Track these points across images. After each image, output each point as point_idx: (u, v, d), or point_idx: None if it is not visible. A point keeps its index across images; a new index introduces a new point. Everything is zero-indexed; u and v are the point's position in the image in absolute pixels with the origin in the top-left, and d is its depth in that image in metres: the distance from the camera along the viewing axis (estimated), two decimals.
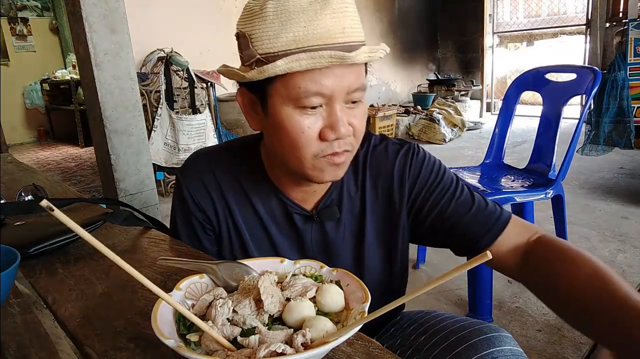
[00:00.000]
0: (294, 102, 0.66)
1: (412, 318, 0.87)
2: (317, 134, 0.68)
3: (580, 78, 2.02)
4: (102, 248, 0.41)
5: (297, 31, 0.62)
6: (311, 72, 0.64)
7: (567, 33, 6.99)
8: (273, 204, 0.82)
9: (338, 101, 0.67)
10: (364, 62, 0.67)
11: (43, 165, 5.19)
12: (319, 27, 0.63)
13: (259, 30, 0.65)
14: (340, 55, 0.62)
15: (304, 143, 0.68)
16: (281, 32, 0.63)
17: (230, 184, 0.83)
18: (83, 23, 2.35)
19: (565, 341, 1.70)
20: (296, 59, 0.62)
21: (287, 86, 0.65)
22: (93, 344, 0.54)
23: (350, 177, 0.84)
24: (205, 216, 0.83)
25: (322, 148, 0.69)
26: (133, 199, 2.66)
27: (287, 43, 0.63)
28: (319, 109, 0.67)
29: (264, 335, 0.48)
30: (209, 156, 0.86)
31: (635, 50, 4.16)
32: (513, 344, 0.70)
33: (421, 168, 0.83)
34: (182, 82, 3.71)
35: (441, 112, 5.55)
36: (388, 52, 0.71)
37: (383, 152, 0.85)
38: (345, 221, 0.84)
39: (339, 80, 0.65)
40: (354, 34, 0.66)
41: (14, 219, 0.96)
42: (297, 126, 0.67)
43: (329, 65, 0.63)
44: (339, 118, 0.67)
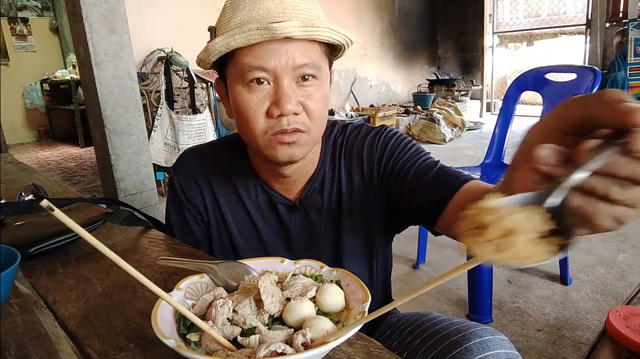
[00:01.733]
0: (241, 79, 0.71)
1: (409, 320, 0.87)
2: (264, 111, 0.71)
3: (580, 78, 2.02)
4: (103, 248, 0.41)
5: (242, 15, 0.69)
6: (252, 49, 0.68)
7: (567, 33, 6.99)
8: (259, 196, 0.87)
9: (284, 77, 0.70)
10: (301, 37, 0.68)
11: (43, 165, 5.19)
12: (260, 9, 0.68)
13: (219, 21, 0.73)
14: (267, 27, 0.66)
15: (253, 119, 0.72)
16: (232, 18, 0.70)
17: (219, 179, 0.87)
18: (83, 23, 2.35)
19: (565, 341, 1.70)
20: (231, 35, 0.67)
21: (235, 65, 0.71)
22: (93, 344, 0.54)
23: (329, 166, 0.87)
24: (196, 209, 0.88)
25: (271, 125, 0.72)
26: (133, 199, 2.66)
27: (234, 26, 0.69)
28: (266, 86, 0.70)
29: (264, 335, 0.48)
30: (199, 152, 0.91)
31: (635, 50, 4.16)
32: (509, 347, 0.69)
33: (387, 144, 0.85)
34: (182, 82, 3.71)
35: (441, 112, 5.55)
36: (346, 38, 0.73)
37: (356, 137, 0.88)
38: (326, 208, 0.87)
39: (278, 56, 0.68)
40: (298, 14, 0.69)
41: (14, 219, 0.96)
42: (245, 103, 0.71)
43: (262, 40, 0.67)
44: (284, 94, 0.69)
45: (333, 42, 0.73)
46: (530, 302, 1.97)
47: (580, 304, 1.94)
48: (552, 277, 2.17)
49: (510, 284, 2.13)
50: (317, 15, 0.72)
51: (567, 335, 1.73)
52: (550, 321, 1.83)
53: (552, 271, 2.21)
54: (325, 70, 0.75)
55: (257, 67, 0.69)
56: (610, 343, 0.65)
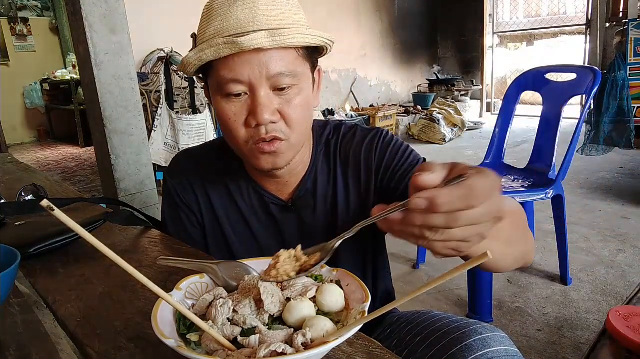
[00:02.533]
0: (220, 91, 0.71)
1: (409, 318, 0.87)
2: (243, 121, 0.72)
3: (580, 78, 2.02)
4: (103, 248, 0.41)
5: (216, 25, 0.69)
6: (225, 61, 0.68)
7: (567, 33, 6.99)
8: (252, 196, 0.87)
9: (261, 87, 0.70)
10: (271, 47, 0.67)
11: (43, 165, 5.19)
12: (231, 20, 0.68)
13: (199, 29, 0.73)
14: (232, 41, 0.65)
15: (233, 130, 0.72)
16: (207, 28, 0.70)
17: (212, 180, 0.88)
18: (83, 23, 2.35)
19: (565, 341, 1.70)
20: (201, 49, 0.68)
21: (212, 77, 0.72)
22: (93, 344, 0.54)
23: (323, 166, 0.87)
24: (190, 211, 0.88)
25: (250, 134, 0.73)
26: (133, 199, 2.66)
27: (208, 37, 0.69)
28: (244, 96, 0.71)
29: (264, 335, 0.48)
30: (192, 154, 0.92)
31: (635, 50, 4.16)
32: (509, 344, 0.69)
33: (387, 150, 0.85)
34: (182, 82, 3.71)
35: (441, 112, 5.55)
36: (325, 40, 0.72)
37: (352, 138, 0.88)
38: (319, 209, 0.87)
39: (253, 67, 0.68)
40: (270, 21, 0.68)
41: (14, 219, 0.96)
42: (225, 114, 0.72)
43: (232, 53, 0.67)
44: (259, 104, 0.70)
45: (309, 45, 0.72)
46: (530, 302, 1.97)
47: (580, 304, 1.94)
48: (552, 277, 2.17)
49: (510, 284, 2.13)
50: (292, 20, 0.70)
51: (567, 335, 1.73)
52: (550, 321, 1.83)
53: (552, 271, 2.21)
54: (305, 74, 0.74)
55: (232, 79, 0.69)
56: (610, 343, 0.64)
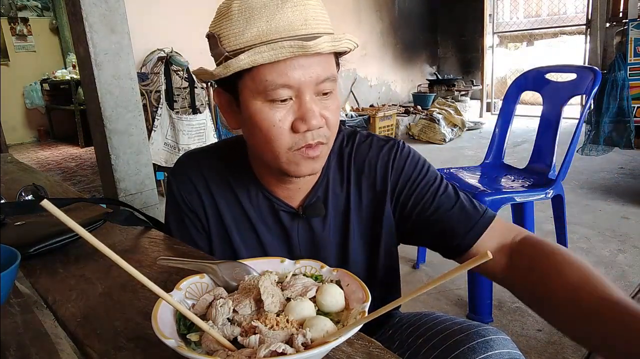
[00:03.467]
0: (263, 96, 0.67)
1: (410, 319, 0.87)
2: (289, 126, 0.69)
3: (580, 78, 2.02)
4: (103, 248, 0.41)
5: (260, 26, 0.64)
6: (276, 64, 0.65)
7: (567, 33, 6.99)
8: (260, 202, 0.84)
9: (307, 92, 0.67)
10: (328, 52, 0.67)
11: (43, 165, 5.19)
12: (281, 21, 0.64)
13: (225, 29, 0.67)
14: (300, 45, 0.63)
15: (276, 136, 0.69)
16: (246, 29, 0.65)
17: (219, 184, 0.85)
18: (83, 23, 2.35)
19: (565, 341, 1.70)
20: (258, 52, 0.63)
21: (254, 80, 0.67)
22: (93, 344, 0.54)
23: (335, 174, 0.85)
24: (196, 216, 0.85)
25: (296, 141, 0.70)
26: (133, 199, 2.66)
27: (251, 38, 0.65)
28: (289, 102, 0.68)
29: (264, 335, 0.48)
30: (198, 156, 0.88)
31: (635, 50, 4.16)
32: (511, 346, 0.69)
33: (405, 163, 0.84)
34: (182, 82, 3.71)
35: (441, 112, 5.55)
36: (356, 44, 0.72)
37: (367, 148, 0.85)
38: (330, 217, 0.84)
39: (305, 71, 0.66)
40: (319, 25, 0.67)
41: (14, 219, 0.96)
42: (268, 120, 0.68)
43: (291, 56, 0.64)
44: (309, 109, 0.67)
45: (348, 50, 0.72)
46: None
47: None
48: None
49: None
50: (331, 24, 0.70)
51: None
52: None
53: None
54: (337, 78, 0.73)
55: (282, 84, 0.65)
56: None
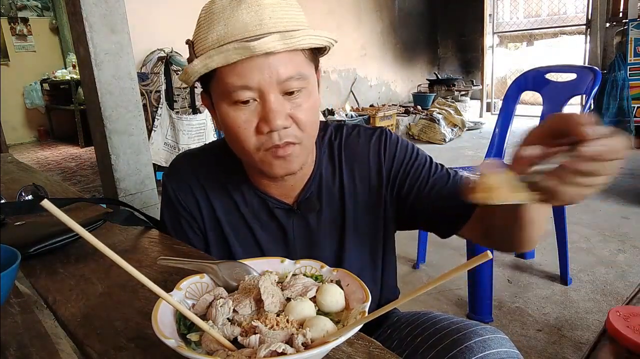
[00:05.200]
0: (227, 98, 0.68)
1: (409, 319, 0.87)
2: (254, 128, 0.69)
3: (580, 78, 2.02)
4: (103, 248, 0.41)
5: (219, 30, 0.66)
6: (233, 67, 0.65)
7: (567, 33, 6.99)
8: (254, 201, 0.84)
9: (271, 92, 0.67)
10: (281, 50, 0.65)
11: (43, 165, 5.19)
12: (236, 23, 0.65)
13: (196, 35, 0.70)
14: (245, 46, 0.63)
15: (243, 137, 0.70)
16: (208, 34, 0.67)
17: (213, 184, 0.85)
18: (83, 23, 2.35)
19: (565, 341, 1.70)
20: (209, 56, 0.65)
21: (218, 83, 0.69)
22: (93, 343, 0.54)
23: (327, 168, 0.86)
24: (192, 217, 0.86)
25: (262, 141, 0.70)
26: (133, 199, 2.66)
27: (212, 43, 0.66)
28: (253, 103, 0.68)
29: (264, 335, 0.48)
30: (192, 157, 0.89)
31: (635, 50, 4.16)
32: (509, 346, 0.69)
33: (396, 149, 0.85)
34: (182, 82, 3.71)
35: (441, 112, 5.55)
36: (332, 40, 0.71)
37: (356, 139, 0.87)
38: (325, 212, 0.85)
39: (263, 72, 0.66)
40: (276, 24, 0.66)
41: (14, 219, 0.96)
42: (233, 121, 0.69)
43: (241, 58, 0.64)
44: (271, 110, 0.67)
45: (312, 47, 0.71)
46: (530, 302, 1.97)
47: (580, 304, 1.94)
48: (552, 277, 2.17)
49: (510, 284, 2.13)
50: (297, 22, 0.69)
51: (567, 335, 1.73)
52: (550, 321, 1.83)
53: (552, 271, 2.21)
54: (312, 76, 0.73)
55: (242, 86, 0.66)
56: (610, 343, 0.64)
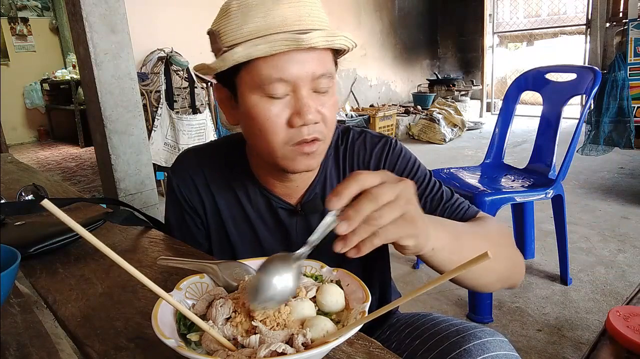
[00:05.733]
0: (260, 90, 0.68)
1: (408, 320, 0.87)
2: (285, 121, 0.69)
3: (580, 78, 2.02)
4: (103, 248, 0.41)
5: (256, 21, 0.65)
6: (272, 58, 0.65)
7: (567, 33, 6.99)
8: (258, 200, 0.85)
9: (304, 87, 0.68)
10: (323, 47, 0.67)
11: (43, 165, 5.19)
12: (276, 17, 0.65)
13: (224, 26, 0.68)
14: (295, 38, 0.63)
15: (272, 130, 0.69)
16: (243, 24, 0.66)
17: (217, 181, 0.86)
18: (83, 23, 2.35)
19: (565, 341, 1.70)
20: (253, 45, 0.64)
21: (251, 74, 0.67)
22: (93, 343, 0.54)
23: (332, 171, 0.86)
24: (195, 213, 0.87)
25: (291, 136, 0.70)
26: (133, 199, 2.66)
27: (248, 33, 0.66)
28: (285, 97, 0.68)
29: (265, 335, 0.48)
30: (197, 153, 0.89)
31: (635, 50, 4.16)
32: (508, 348, 0.69)
33: (397, 160, 0.85)
34: (182, 82, 3.71)
35: (441, 112, 5.55)
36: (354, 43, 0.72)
37: (362, 144, 0.87)
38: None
39: (300, 66, 0.66)
40: (313, 22, 0.67)
41: (14, 219, 0.96)
42: (264, 114, 0.69)
43: (286, 50, 0.64)
44: (305, 104, 0.67)
45: (344, 48, 0.72)
46: (530, 302, 1.97)
47: (580, 304, 1.94)
48: (552, 277, 2.17)
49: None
50: (328, 23, 0.71)
51: (567, 335, 1.73)
52: (550, 321, 1.83)
53: (552, 271, 2.21)
54: (334, 76, 0.74)
55: (278, 78, 0.66)
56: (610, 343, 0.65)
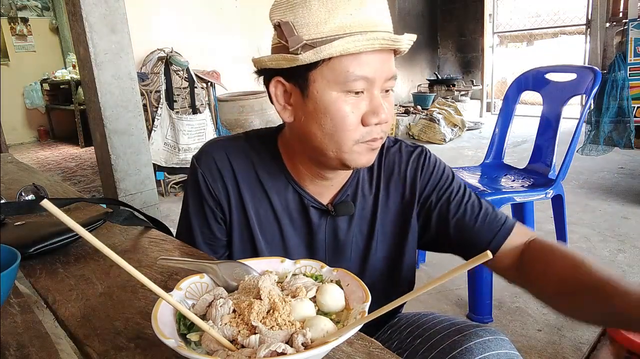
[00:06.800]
0: (340, 86, 0.68)
1: (409, 319, 0.87)
2: (359, 119, 0.70)
3: (580, 78, 2.02)
4: (103, 248, 0.41)
5: (344, 18, 0.66)
6: (359, 56, 0.67)
7: (567, 33, 6.99)
8: (289, 197, 0.83)
9: (377, 87, 0.70)
10: (405, 49, 0.71)
11: (43, 165, 5.19)
12: (362, 15, 0.66)
13: (303, 18, 0.67)
14: (394, 38, 0.66)
15: (348, 127, 0.70)
16: (329, 19, 0.66)
17: (246, 174, 0.82)
18: (83, 23, 2.36)
19: (565, 341, 1.70)
20: (352, 41, 0.64)
21: (335, 70, 0.67)
22: (93, 344, 0.54)
23: (365, 175, 0.86)
24: (218, 204, 0.82)
25: (363, 133, 0.71)
26: (133, 199, 2.66)
27: (335, 29, 0.66)
28: (361, 94, 0.69)
29: (264, 335, 0.48)
30: (225, 144, 0.85)
31: (635, 50, 4.16)
32: (509, 347, 0.70)
33: (432, 172, 0.86)
34: (182, 82, 3.71)
35: (441, 112, 5.55)
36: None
37: (397, 153, 0.87)
38: (356, 217, 0.85)
39: (381, 66, 0.68)
40: (388, 26, 0.70)
41: (14, 219, 0.96)
42: (342, 110, 0.69)
43: (380, 48, 0.67)
44: (380, 103, 0.70)
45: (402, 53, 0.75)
46: (530, 302, 1.97)
47: None
48: None
49: (510, 284, 2.13)
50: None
51: (567, 335, 1.73)
52: (550, 321, 1.83)
53: None
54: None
55: (361, 76, 0.67)
56: (610, 343, 0.65)
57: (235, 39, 4.66)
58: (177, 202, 3.64)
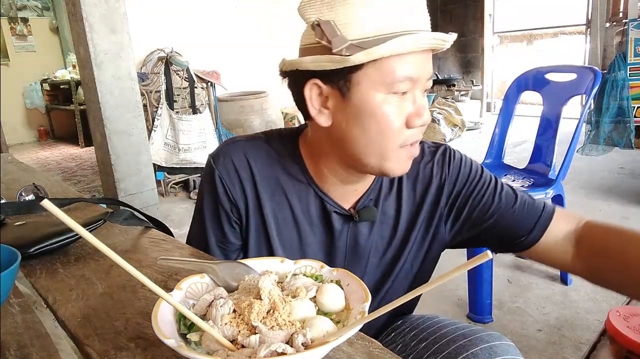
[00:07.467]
0: (386, 88, 0.65)
1: (414, 323, 0.85)
2: (404, 121, 0.68)
3: (580, 78, 2.02)
4: (103, 248, 0.41)
5: (389, 17, 0.63)
6: (405, 56, 0.64)
7: (567, 33, 6.99)
8: (310, 201, 0.79)
9: (420, 87, 0.68)
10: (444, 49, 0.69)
11: (43, 165, 5.19)
12: (408, 14, 0.64)
13: (343, 16, 0.64)
14: (442, 37, 0.64)
15: (395, 129, 0.67)
16: (372, 18, 0.63)
17: (265, 177, 0.79)
18: (83, 23, 2.36)
19: (565, 341, 1.70)
20: (402, 42, 0.62)
21: (381, 71, 0.64)
22: (93, 344, 0.54)
23: (387, 179, 0.82)
24: (234, 207, 0.79)
25: (406, 137, 0.69)
26: (133, 199, 2.66)
27: (381, 28, 0.63)
28: (404, 95, 0.67)
29: (265, 335, 0.48)
30: (244, 144, 0.81)
31: (635, 50, 4.16)
32: (515, 353, 0.69)
33: (460, 168, 0.83)
34: (182, 82, 3.71)
35: (441, 112, 5.55)
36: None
37: (420, 154, 0.82)
38: (377, 223, 0.82)
39: (424, 66, 0.67)
40: (427, 25, 0.67)
41: (14, 219, 0.96)
42: (389, 113, 0.66)
43: (427, 49, 0.65)
44: (423, 105, 0.68)
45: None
46: (530, 302, 1.97)
47: (580, 304, 1.94)
48: (552, 277, 2.17)
49: (510, 284, 2.13)
50: None
51: (567, 335, 1.73)
52: (550, 321, 1.83)
53: (552, 271, 2.21)
54: None
55: (406, 76, 0.65)
56: (610, 343, 0.65)
57: (235, 39, 4.66)
58: (177, 202, 3.64)
